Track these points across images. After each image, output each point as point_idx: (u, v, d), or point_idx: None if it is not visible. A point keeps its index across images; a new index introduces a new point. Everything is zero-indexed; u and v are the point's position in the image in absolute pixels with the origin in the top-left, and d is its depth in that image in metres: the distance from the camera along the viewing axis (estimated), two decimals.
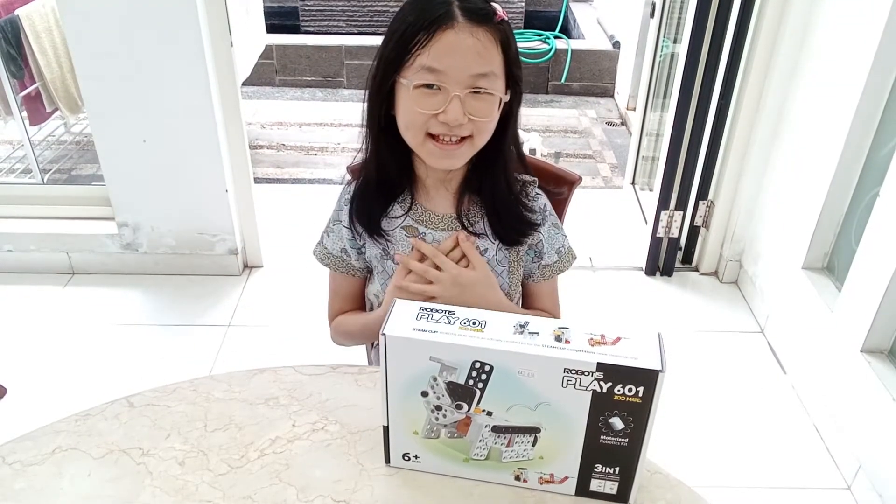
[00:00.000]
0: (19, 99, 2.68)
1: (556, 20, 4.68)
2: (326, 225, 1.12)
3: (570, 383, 0.72)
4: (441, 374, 0.75)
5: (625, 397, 0.72)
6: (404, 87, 0.93)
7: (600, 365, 0.70)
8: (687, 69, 2.17)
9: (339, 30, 4.53)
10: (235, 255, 2.41)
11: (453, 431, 0.79)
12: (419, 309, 0.76)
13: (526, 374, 0.72)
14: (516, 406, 0.75)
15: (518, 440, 0.78)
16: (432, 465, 0.83)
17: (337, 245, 1.11)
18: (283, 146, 3.51)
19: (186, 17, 1.99)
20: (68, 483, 0.82)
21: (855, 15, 1.79)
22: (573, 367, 0.71)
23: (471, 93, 0.92)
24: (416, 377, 0.76)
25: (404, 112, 0.95)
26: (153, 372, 2.02)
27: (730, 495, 1.71)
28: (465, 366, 0.73)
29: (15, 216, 2.41)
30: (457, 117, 0.91)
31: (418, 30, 0.90)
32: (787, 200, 2.12)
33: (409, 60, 0.92)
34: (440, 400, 0.77)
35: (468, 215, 1.05)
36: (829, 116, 1.88)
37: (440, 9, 0.90)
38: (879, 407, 1.64)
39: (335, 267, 1.12)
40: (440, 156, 0.97)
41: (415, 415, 0.79)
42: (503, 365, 0.72)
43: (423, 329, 0.74)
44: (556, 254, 1.11)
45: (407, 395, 0.78)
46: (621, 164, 3.38)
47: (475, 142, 0.97)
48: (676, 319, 2.28)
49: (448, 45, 0.90)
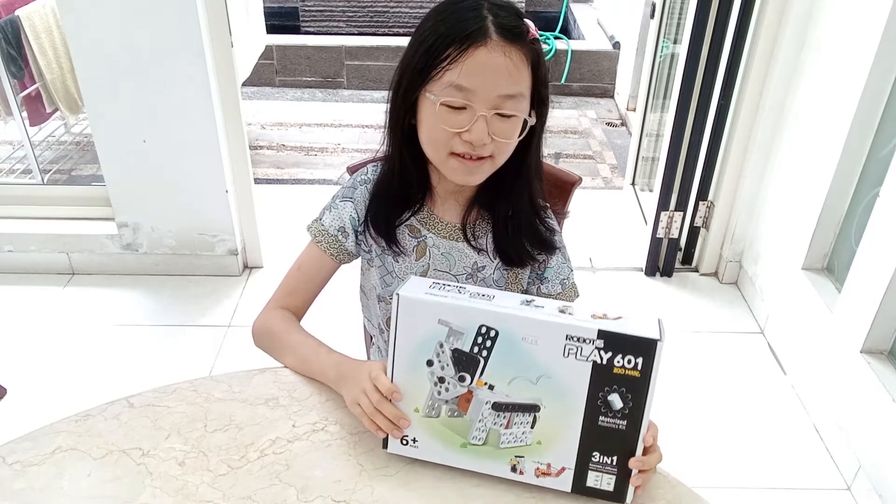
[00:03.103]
0: (19, 99, 2.67)
1: (556, 20, 4.69)
2: (330, 202, 1.08)
3: (572, 353, 0.75)
4: (448, 341, 0.77)
5: (624, 370, 0.74)
6: (430, 102, 0.91)
7: (601, 332, 0.73)
8: (687, 70, 2.17)
9: (339, 30, 4.53)
10: (235, 256, 2.41)
11: (454, 409, 0.81)
12: (432, 283, 0.80)
13: (530, 341, 0.75)
14: (518, 379, 0.78)
15: (517, 420, 0.79)
16: (430, 451, 0.84)
17: (335, 223, 1.05)
18: (283, 146, 3.51)
19: (186, 17, 1.99)
20: (68, 483, 0.82)
21: (855, 15, 1.79)
22: (575, 334, 0.74)
23: (496, 114, 0.90)
24: (423, 342, 0.78)
25: (428, 127, 0.93)
26: (153, 372, 2.02)
27: (730, 495, 1.71)
28: (472, 331, 0.76)
29: (15, 216, 2.41)
30: (481, 137, 0.89)
31: (449, 44, 0.87)
32: (787, 201, 2.12)
33: (438, 74, 0.89)
34: (444, 370, 0.79)
35: (473, 229, 1.04)
36: (829, 117, 1.88)
37: (473, 24, 0.87)
38: (879, 407, 1.64)
39: (326, 246, 1.05)
40: (462, 172, 0.95)
41: (418, 389, 0.81)
42: (508, 331, 0.76)
43: (434, 294, 0.78)
44: (560, 285, 1.09)
45: (413, 365, 0.80)
46: (621, 165, 3.39)
47: (496, 161, 0.95)
48: (676, 320, 2.28)
49: (479, 64, 0.87)
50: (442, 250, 1.05)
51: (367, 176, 1.07)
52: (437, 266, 1.05)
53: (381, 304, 1.11)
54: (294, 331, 1.02)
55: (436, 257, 1.05)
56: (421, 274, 1.06)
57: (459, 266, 1.05)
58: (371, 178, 1.06)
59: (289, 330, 1.02)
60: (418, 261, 1.05)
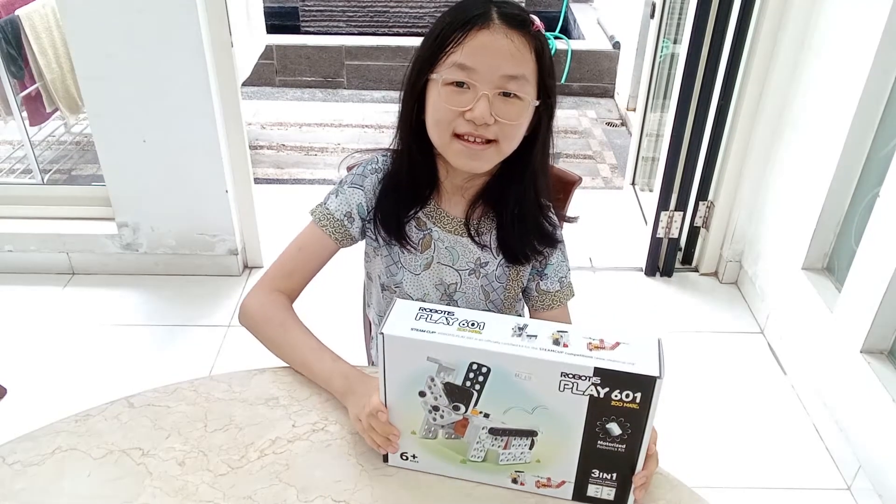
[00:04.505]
0: (19, 99, 2.68)
1: (556, 20, 4.68)
2: (337, 187, 1.08)
3: (567, 388, 0.72)
4: (438, 375, 0.75)
5: (622, 403, 0.71)
6: (434, 84, 0.93)
7: (597, 370, 0.70)
8: (687, 69, 2.17)
9: (339, 30, 4.53)
10: (235, 256, 2.41)
11: (451, 432, 0.79)
12: (419, 309, 0.77)
13: (523, 377, 0.72)
14: (513, 409, 0.75)
15: (515, 443, 0.78)
16: (430, 466, 0.83)
17: (342, 208, 1.05)
18: (283, 146, 3.51)
19: (186, 17, 1.99)
20: (68, 483, 0.82)
21: (855, 15, 1.79)
22: (570, 372, 0.71)
23: (500, 94, 0.91)
24: (413, 377, 0.76)
25: (433, 109, 0.95)
26: (153, 372, 2.01)
27: (730, 495, 1.71)
28: (463, 367, 0.73)
29: (15, 216, 2.40)
30: (483, 115, 0.90)
31: (454, 29, 0.91)
32: (788, 201, 2.12)
33: (443, 58, 0.92)
34: (437, 400, 0.77)
35: (477, 225, 1.05)
36: (829, 116, 1.88)
37: (477, 10, 0.91)
38: (879, 407, 1.64)
39: (331, 230, 1.05)
40: (466, 156, 0.95)
41: (413, 414, 0.79)
42: (500, 367, 0.73)
43: (421, 329, 0.74)
44: (559, 283, 1.09)
45: (405, 395, 0.78)
46: (621, 165, 3.38)
47: (501, 147, 0.95)
48: (676, 320, 2.28)
49: (481, 44, 0.90)
50: (446, 244, 1.05)
51: (377, 165, 1.07)
52: (440, 260, 1.06)
53: (384, 292, 1.11)
54: (294, 325, 1.01)
55: (440, 251, 1.05)
56: (425, 266, 1.06)
57: (463, 261, 1.06)
58: (381, 168, 1.07)
59: (288, 322, 1.01)
60: (423, 253, 1.06)
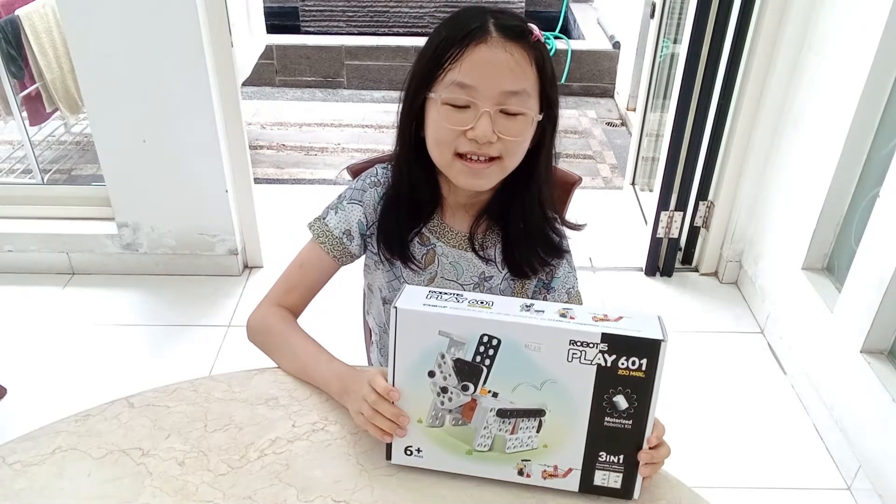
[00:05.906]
0: (19, 99, 2.68)
1: (556, 20, 4.69)
2: (336, 201, 1.05)
3: (576, 357, 0.74)
4: (449, 351, 0.76)
5: (628, 371, 0.74)
6: (434, 103, 0.90)
7: (605, 336, 0.73)
8: (687, 69, 2.17)
9: (339, 30, 4.53)
10: (235, 256, 2.41)
11: (458, 417, 0.80)
12: (429, 291, 0.79)
13: (533, 348, 0.75)
14: (522, 385, 0.77)
15: (523, 425, 0.79)
16: (435, 460, 0.83)
17: (341, 226, 1.03)
18: (283, 146, 3.51)
19: (186, 17, 1.99)
20: (68, 483, 0.82)
21: (855, 15, 1.79)
22: (579, 339, 0.73)
23: (501, 111, 0.89)
24: (424, 354, 0.77)
25: (433, 129, 0.92)
26: (153, 372, 2.02)
27: (730, 495, 1.71)
28: (474, 340, 0.75)
29: (15, 216, 2.41)
30: (485, 133, 0.88)
31: (451, 44, 0.88)
32: (788, 201, 2.12)
33: (441, 75, 0.89)
34: (447, 380, 0.78)
35: (482, 240, 1.03)
36: (829, 116, 1.88)
37: (474, 23, 0.88)
38: (879, 407, 1.64)
39: (329, 247, 1.03)
40: (469, 175, 0.93)
41: (420, 400, 0.80)
42: (510, 338, 0.75)
43: (433, 304, 0.76)
44: (567, 294, 1.07)
45: (414, 377, 0.79)
46: (621, 165, 3.39)
47: (504, 164, 0.93)
48: (676, 320, 2.28)
49: (479, 60, 0.87)
50: (450, 259, 1.04)
51: (376, 178, 1.05)
52: (444, 275, 1.05)
53: (385, 305, 1.10)
54: (293, 333, 1.00)
55: (444, 266, 1.04)
56: (429, 281, 1.05)
57: (467, 275, 1.05)
58: (382, 181, 1.04)
59: (288, 331, 1.00)
60: (426, 269, 1.04)
